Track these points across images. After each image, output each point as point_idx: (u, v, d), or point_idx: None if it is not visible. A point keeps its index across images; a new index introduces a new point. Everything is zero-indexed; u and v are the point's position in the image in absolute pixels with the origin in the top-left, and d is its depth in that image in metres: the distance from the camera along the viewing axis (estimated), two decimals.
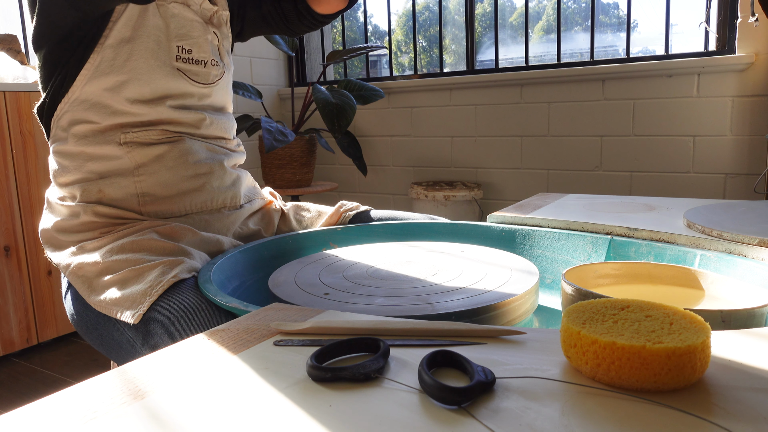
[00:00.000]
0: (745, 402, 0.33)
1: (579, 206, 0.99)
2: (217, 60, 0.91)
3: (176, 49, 0.84)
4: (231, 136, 0.97)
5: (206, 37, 0.88)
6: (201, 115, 0.89)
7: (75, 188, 0.84)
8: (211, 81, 0.90)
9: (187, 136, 0.87)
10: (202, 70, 0.88)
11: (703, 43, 2.19)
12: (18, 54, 2.08)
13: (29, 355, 2.06)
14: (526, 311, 0.63)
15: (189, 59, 0.86)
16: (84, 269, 0.78)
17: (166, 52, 0.83)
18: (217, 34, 0.92)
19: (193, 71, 0.87)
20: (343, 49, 2.50)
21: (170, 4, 0.84)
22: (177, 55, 0.84)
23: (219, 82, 0.92)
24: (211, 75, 0.89)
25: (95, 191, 0.83)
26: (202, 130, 0.90)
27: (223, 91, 0.94)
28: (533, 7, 3.77)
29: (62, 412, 0.35)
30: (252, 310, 0.54)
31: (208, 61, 0.88)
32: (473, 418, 0.32)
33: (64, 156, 0.84)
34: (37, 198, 2.02)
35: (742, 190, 2.12)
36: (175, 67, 0.84)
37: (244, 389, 0.37)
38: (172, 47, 0.84)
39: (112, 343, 0.77)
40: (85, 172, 0.83)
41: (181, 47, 0.85)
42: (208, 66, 0.89)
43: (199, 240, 0.83)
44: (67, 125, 0.83)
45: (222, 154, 0.93)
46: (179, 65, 0.85)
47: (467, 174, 2.64)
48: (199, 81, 0.88)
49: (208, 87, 0.89)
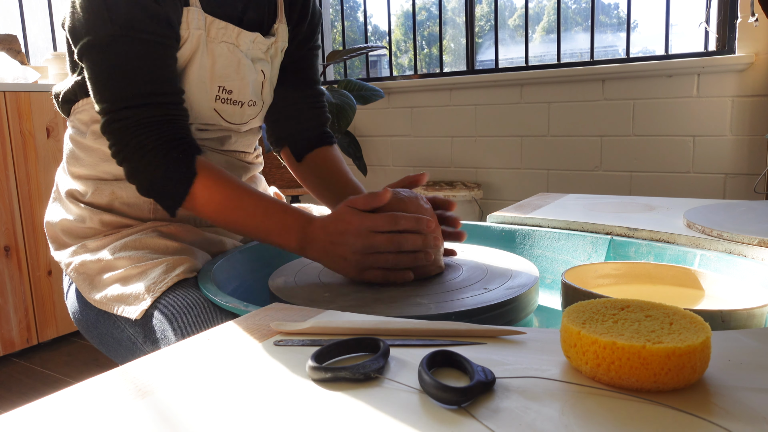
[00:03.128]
0: (745, 402, 0.33)
1: (579, 206, 0.99)
2: (255, 100, 0.88)
3: (217, 89, 0.81)
4: (252, 150, 0.96)
5: (249, 80, 0.85)
6: (227, 133, 0.88)
7: (88, 184, 0.82)
8: (244, 121, 0.88)
9: (208, 149, 0.86)
10: (237, 111, 0.85)
11: (703, 43, 2.19)
12: (18, 54, 2.08)
13: (29, 355, 2.06)
14: (526, 311, 0.63)
15: (228, 99, 0.83)
16: (86, 266, 0.77)
17: (207, 92, 0.81)
18: (265, 72, 0.88)
19: (228, 112, 0.84)
20: (343, 49, 2.51)
21: (220, 43, 0.80)
22: (217, 95, 0.82)
23: (252, 121, 0.90)
24: (245, 115, 0.87)
25: (108, 192, 0.81)
26: (225, 147, 0.89)
27: (254, 121, 0.91)
28: (533, 7, 3.77)
29: (62, 412, 0.35)
30: (252, 310, 0.54)
31: (246, 102, 0.86)
32: (473, 418, 0.32)
33: (81, 147, 0.83)
34: (37, 198, 2.02)
35: (742, 190, 2.12)
36: (213, 108, 0.82)
37: (244, 389, 0.37)
38: (214, 87, 0.81)
39: (112, 341, 0.77)
40: (100, 171, 0.81)
41: (222, 88, 0.82)
42: (245, 107, 0.86)
43: (202, 239, 0.83)
44: (88, 120, 0.81)
45: (240, 169, 0.92)
46: (217, 105, 0.82)
47: (467, 174, 2.64)
48: (232, 122, 0.86)
49: (240, 125, 0.88)
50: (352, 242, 0.63)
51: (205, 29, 0.78)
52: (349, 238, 0.64)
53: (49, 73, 2.22)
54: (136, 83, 0.71)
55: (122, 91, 0.71)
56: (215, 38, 0.79)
